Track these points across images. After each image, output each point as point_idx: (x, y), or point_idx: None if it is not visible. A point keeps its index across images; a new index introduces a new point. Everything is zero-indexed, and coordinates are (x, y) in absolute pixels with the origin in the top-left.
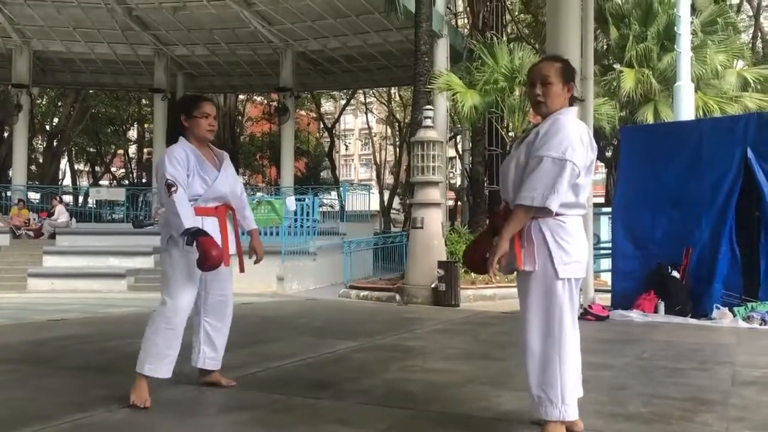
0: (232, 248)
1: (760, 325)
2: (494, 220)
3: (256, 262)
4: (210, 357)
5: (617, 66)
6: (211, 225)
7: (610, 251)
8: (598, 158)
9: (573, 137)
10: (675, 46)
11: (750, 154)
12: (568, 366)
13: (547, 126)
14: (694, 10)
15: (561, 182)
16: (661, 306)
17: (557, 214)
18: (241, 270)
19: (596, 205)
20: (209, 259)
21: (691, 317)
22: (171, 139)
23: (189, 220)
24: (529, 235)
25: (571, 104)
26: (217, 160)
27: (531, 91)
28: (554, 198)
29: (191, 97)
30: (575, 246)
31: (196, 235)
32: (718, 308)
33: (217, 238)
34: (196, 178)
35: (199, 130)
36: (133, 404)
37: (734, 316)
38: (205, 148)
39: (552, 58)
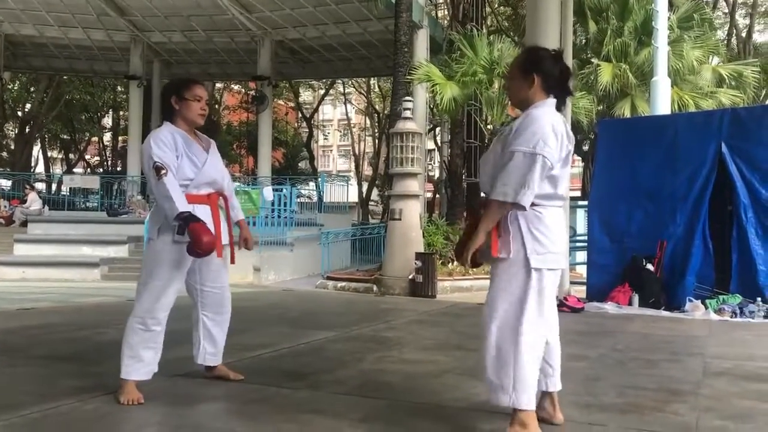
0: (225, 238)
1: (731, 317)
2: (476, 213)
3: (247, 249)
4: (210, 353)
5: (595, 60)
6: (203, 213)
7: (585, 244)
8: (575, 152)
9: (545, 130)
10: (652, 41)
11: (724, 148)
12: (523, 356)
13: (519, 120)
14: (671, 5)
15: (532, 177)
16: (636, 298)
17: (535, 205)
18: (232, 261)
19: (573, 199)
20: (201, 245)
21: (664, 310)
22: (161, 122)
23: (183, 203)
24: (505, 225)
25: (554, 94)
26: (205, 145)
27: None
28: (525, 193)
29: (183, 80)
30: (550, 237)
31: (188, 221)
32: (691, 301)
33: (210, 227)
34: (185, 161)
35: (190, 113)
36: (127, 403)
37: (706, 308)
38: (193, 133)
39: (522, 51)
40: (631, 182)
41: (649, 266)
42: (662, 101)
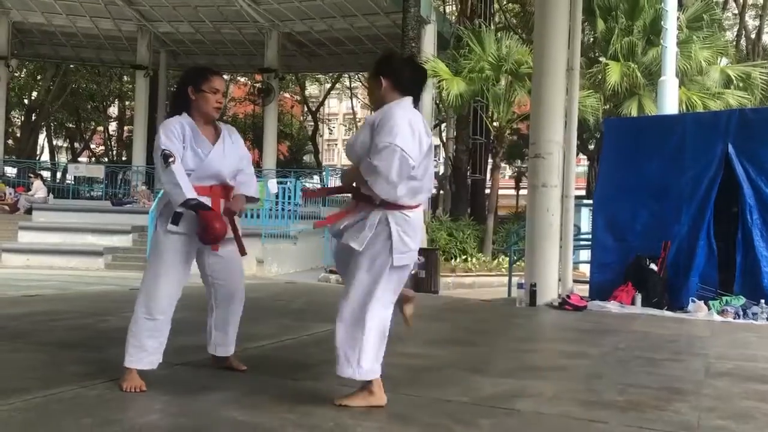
0: (228, 232)
1: (734, 318)
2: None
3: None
4: (219, 344)
5: (603, 59)
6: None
7: (589, 242)
8: (580, 150)
9: (401, 126)
10: (661, 41)
11: (731, 149)
12: (371, 337)
13: (377, 116)
14: (680, 5)
15: (393, 171)
16: (638, 298)
17: (403, 207)
18: (243, 253)
19: (577, 197)
20: (212, 231)
21: (667, 310)
22: (174, 111)
23: (190, 190)
24: (372, 223)
25: (409, 93)
26: (217, 136)
27: None
28: (388, 190)
29: (201, 69)
30: (414, 237)
31: (197, 208)
32: (694, 301)
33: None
34: (188, 152)
35: (206, 105)
36: (129, 390)
37: (709, 309)
38: (208, 124)
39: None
40: (637, 181)
41: (653, 266)
42: (670, 101)
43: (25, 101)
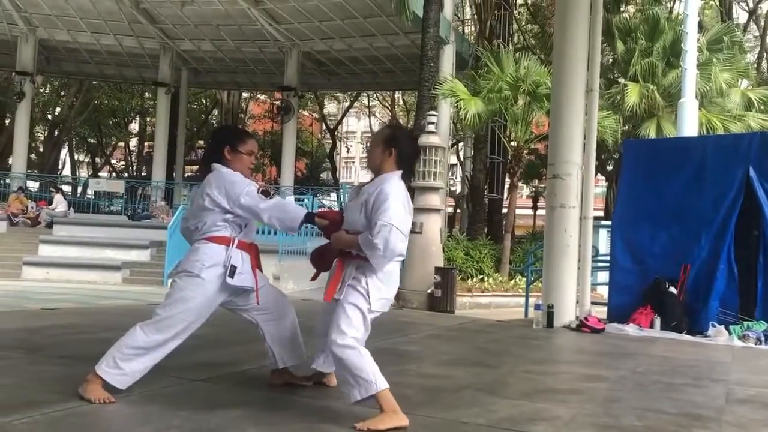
0: (259, 281)
1: (756, 344)
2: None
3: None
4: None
5: (622, 80)
6: (246, 259)
7: (607, 264)
8: (598, 171)
9: (397, 207)
10: (680, 63)
11: (752, 173)
12: (366, 358)
13: (375, 190)
14: (701, 27)
15: (388, 245)
16: (657, 321)
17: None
18: (258, 303)
19: (596, 218)
20: (333, 223)
21: (686, 334)
22: (207, 166)
23: (301, 209)
24: (350, 272)
25: (402, 168)
26: None
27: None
28: (383, 259)
29: (238, 131)
30: (390, 286)
31: (310, 216)
32: (714, 326)
33: (250, 273)
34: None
35: (241, 166)
36: (96, 401)
37: (730, 334)
38: None
39: (385, 127)
40: (656, 203)
41: (672, 289)
42: (689, 123)
43: (49, 117)
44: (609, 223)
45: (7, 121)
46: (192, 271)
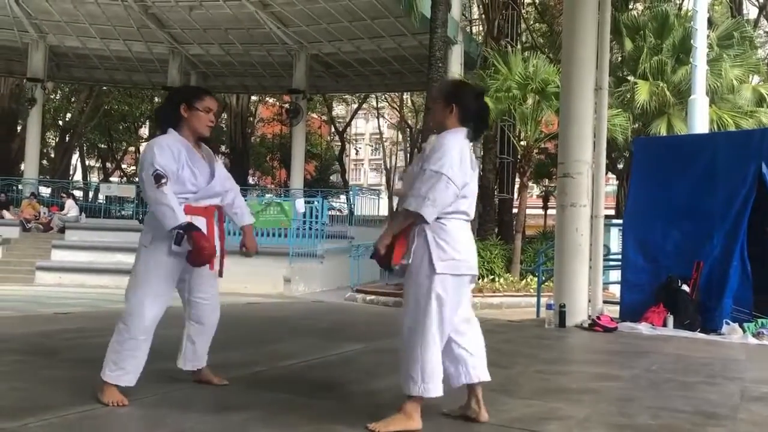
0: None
1: None
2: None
3: (247, 257)
4: (190, 359)
5: (631, 78)
6: (199, 224)
7: (619, 263)
8: (609, 169)
9: (452, 154)
10: (690, 59)
11: (764, 169)
12: (430, 351)
13: (433, 142)
14: (710, 23)
15: (436, 193)
16: (670, 319)
17: (439, 218)
18: (220, 275)
19: (607, 217)
20: (203, 254)
21: (700, 332)
22: (162, 127)
23: (182, 214)
24: (412, 235)
25: (468, 126)
26: (207, 158)
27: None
28: (428, 206)
29: (194, 88)
30: (453, 245)
31: (188, 230)
32: (728, 323)
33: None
34: (186, 172)
35: (198, 123)
36: (110, 404)
37: (744, 332)
38: (197, 144)
39: (446, 81)
40: (667, 201)
41: (685, 287)
42: (700, 120)
43: (60, 122)
44: (620, 221)
45: (19, 128)
46: (142, 243)
